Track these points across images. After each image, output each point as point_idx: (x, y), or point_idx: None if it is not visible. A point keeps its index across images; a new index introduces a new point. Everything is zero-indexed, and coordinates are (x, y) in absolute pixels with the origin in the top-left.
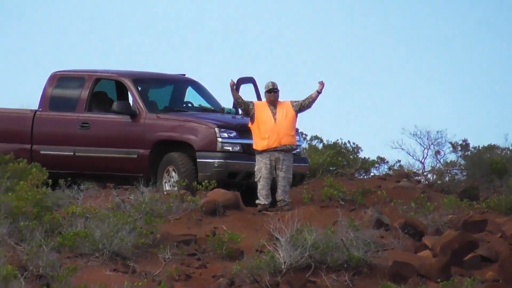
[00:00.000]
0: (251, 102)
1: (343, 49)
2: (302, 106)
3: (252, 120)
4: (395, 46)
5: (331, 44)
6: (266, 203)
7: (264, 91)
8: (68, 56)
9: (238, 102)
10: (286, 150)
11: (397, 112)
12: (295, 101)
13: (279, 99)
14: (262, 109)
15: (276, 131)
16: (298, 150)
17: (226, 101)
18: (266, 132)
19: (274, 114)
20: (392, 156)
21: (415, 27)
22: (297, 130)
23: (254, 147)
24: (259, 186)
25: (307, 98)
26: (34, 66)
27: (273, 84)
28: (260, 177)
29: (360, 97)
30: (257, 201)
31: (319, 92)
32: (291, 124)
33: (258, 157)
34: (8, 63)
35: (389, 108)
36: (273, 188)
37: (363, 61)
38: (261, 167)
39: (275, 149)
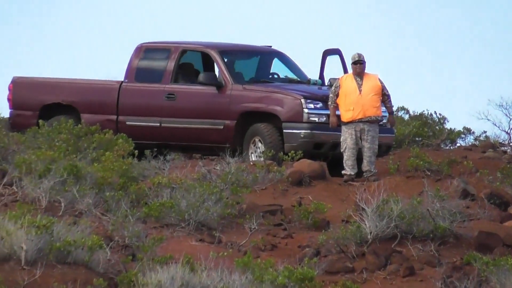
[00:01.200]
0: (337, 85)
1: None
2: (382, 96)
3: (337, 96)
4: (480, 17)
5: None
6: (352, 173)
7: (351, 62)
8: (153, 28)
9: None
10: (371, 121)
11: (483, 83)
12: (384, 85)
13: (366, 71)
14: (348, 81)
15: (361, 103)
16: (384, 121)
17: (312, 72)
18: (351, 104)
19: (359, 86)
20: (478, 127)
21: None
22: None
23: (341, 118)
24: (345, 157)
25: (388, 99)
26: (119, 38)
27: (359, 55)
28: (346, 147)
29: (447, 68)
30: (343, 172)
31: (390, 114)
32: (376, 96)
33: (343, 128)
34: (94, 34)
35: (475, 79)
36: (359, 159)
37: (449, 33)
38: (346, 137)
39: (360, 120)
